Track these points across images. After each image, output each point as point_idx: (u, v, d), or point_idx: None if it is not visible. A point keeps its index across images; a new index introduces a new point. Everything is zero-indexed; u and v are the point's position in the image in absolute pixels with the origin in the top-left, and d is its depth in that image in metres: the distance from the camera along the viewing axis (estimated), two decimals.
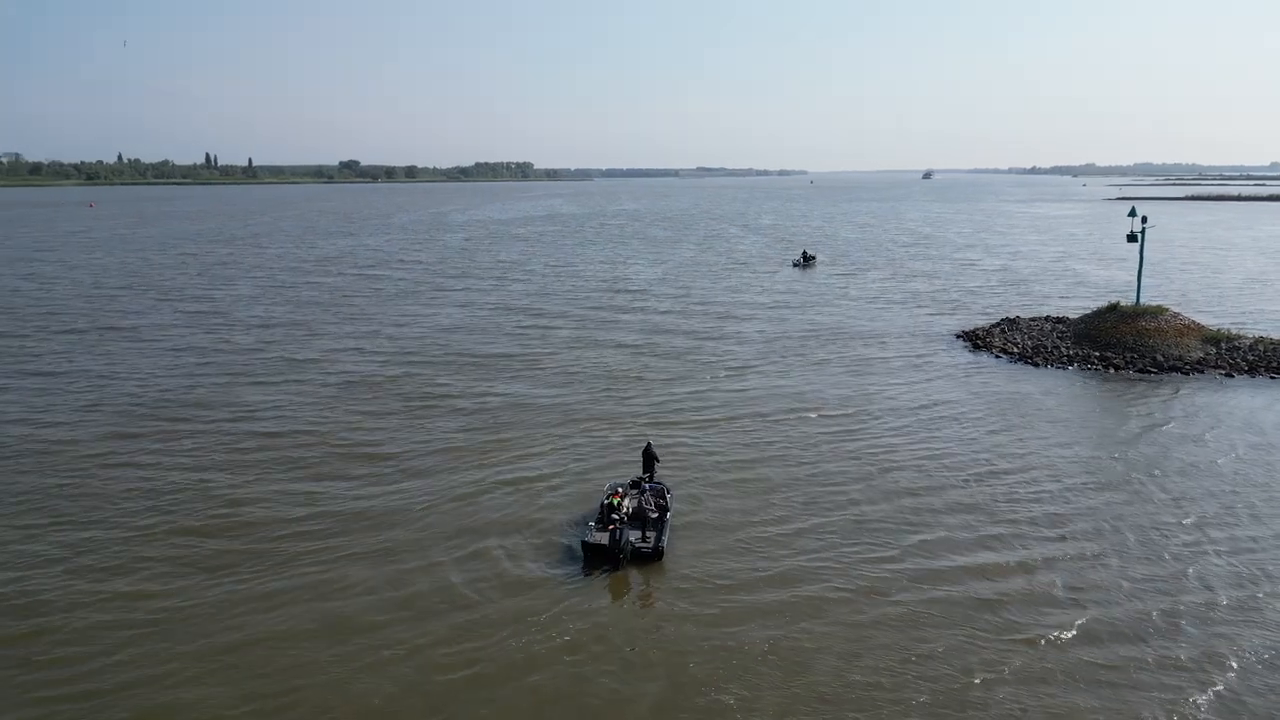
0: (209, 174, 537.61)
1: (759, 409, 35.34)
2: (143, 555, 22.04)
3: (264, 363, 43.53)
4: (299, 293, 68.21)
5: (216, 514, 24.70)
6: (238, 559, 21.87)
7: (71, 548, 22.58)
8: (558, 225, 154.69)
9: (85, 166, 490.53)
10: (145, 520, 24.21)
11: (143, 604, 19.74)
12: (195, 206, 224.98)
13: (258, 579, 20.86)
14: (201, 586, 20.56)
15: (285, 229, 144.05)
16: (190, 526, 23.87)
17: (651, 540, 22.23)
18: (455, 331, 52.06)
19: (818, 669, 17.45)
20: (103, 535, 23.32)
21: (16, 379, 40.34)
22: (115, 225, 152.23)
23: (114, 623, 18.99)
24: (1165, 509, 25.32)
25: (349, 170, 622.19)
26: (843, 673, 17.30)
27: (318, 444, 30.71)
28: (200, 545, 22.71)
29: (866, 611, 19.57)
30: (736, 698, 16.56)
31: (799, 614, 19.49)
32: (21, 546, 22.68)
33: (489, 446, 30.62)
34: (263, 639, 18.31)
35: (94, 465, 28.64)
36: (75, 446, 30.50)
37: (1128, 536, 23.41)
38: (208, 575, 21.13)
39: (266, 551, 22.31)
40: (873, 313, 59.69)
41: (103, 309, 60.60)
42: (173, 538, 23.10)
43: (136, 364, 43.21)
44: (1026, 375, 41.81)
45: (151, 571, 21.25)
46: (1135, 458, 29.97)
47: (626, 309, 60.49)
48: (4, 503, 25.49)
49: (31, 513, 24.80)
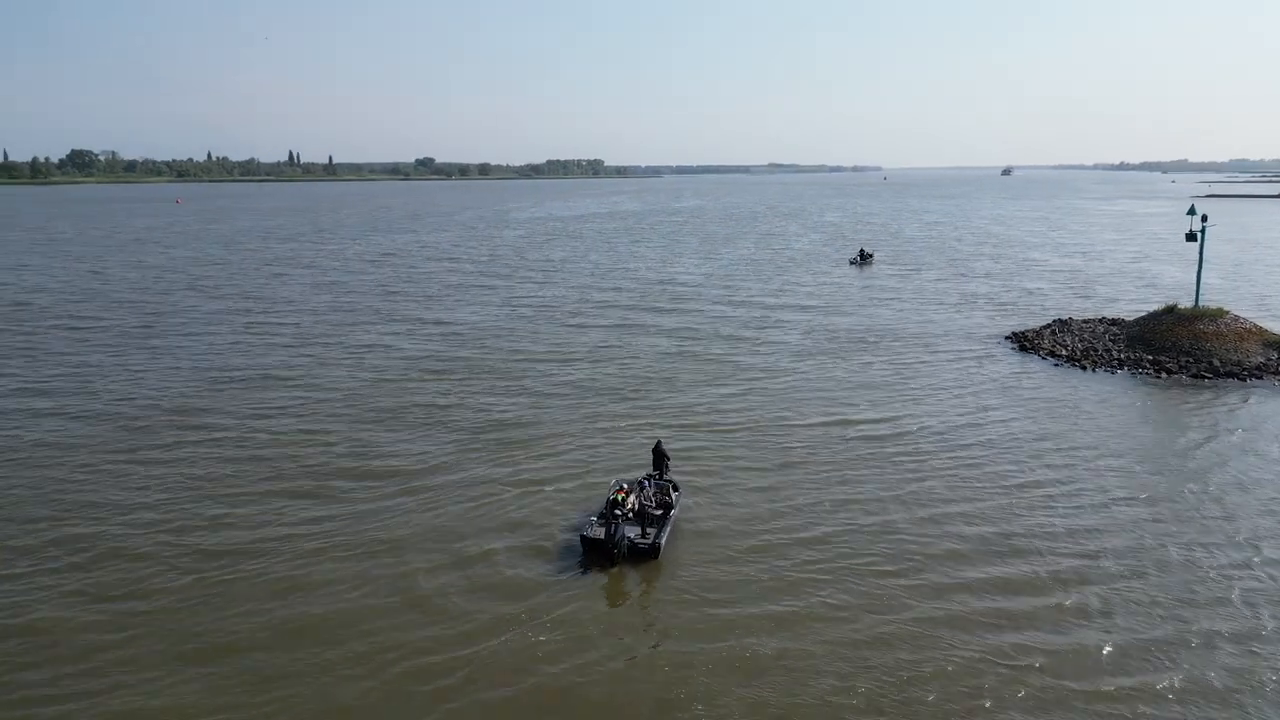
0: (292, 172, 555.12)
1: (787, 412, 34.31)
2: (144, 552, 22.34)
3: (294, 356, 44.34)
4: (344, 289, 69.34)
5: (217, 513, 24.91)
6: (239, 558, 21.98)
7: (66, 545, 23.08)
8: (616, 222, 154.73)
9: (176, 164, 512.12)
10: (146, 516, 24.66)
11: (138, 602, 20.01)
12: (272, 203, 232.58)
13: (255, 575, 20.99)
14: (192, 585, 20.71)
15: (349, 225, 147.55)
16: (184, 525, 24.17)
17: (650, 537, 21.98)
18: (491, 329, 52.21)
19: (804, 683, 16.67)
20: (96, 531, 23.81)
21: (28, 371, 42.06)
22: (193, 221, 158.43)
23: (100, 624, 19.21)
24: (1215, 525, 23.66)
25: (424, 168, 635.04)
26: (833, 693, 16.42)
27: (334, 441, 30.93)
28: (199, 543, 22.99)
29: (871, 627, 18.60)
30: (707, 709, 15.98)
31: (796, 625, 18.69)
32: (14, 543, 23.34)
33: (506, 444, 30.49)
34: (255, 636, 18.32)
35: (106, 460, 29.44)
36: (92, 438, 31.43)
37: (1170, 553, 21.88)
38: (198, 574, 21.31)
39: (266, 549, 22.42)
40: (922, 313, 57.88)
41: (151, 302, 62.76)
42: (165, 535, 23.47)
43: (174, 355, 44.55)
44: (1073, 379, 39.84)
45: (149, 569, 21.52)
46: (1183, 468, 28.14)
47: (668, 308, 59.81)
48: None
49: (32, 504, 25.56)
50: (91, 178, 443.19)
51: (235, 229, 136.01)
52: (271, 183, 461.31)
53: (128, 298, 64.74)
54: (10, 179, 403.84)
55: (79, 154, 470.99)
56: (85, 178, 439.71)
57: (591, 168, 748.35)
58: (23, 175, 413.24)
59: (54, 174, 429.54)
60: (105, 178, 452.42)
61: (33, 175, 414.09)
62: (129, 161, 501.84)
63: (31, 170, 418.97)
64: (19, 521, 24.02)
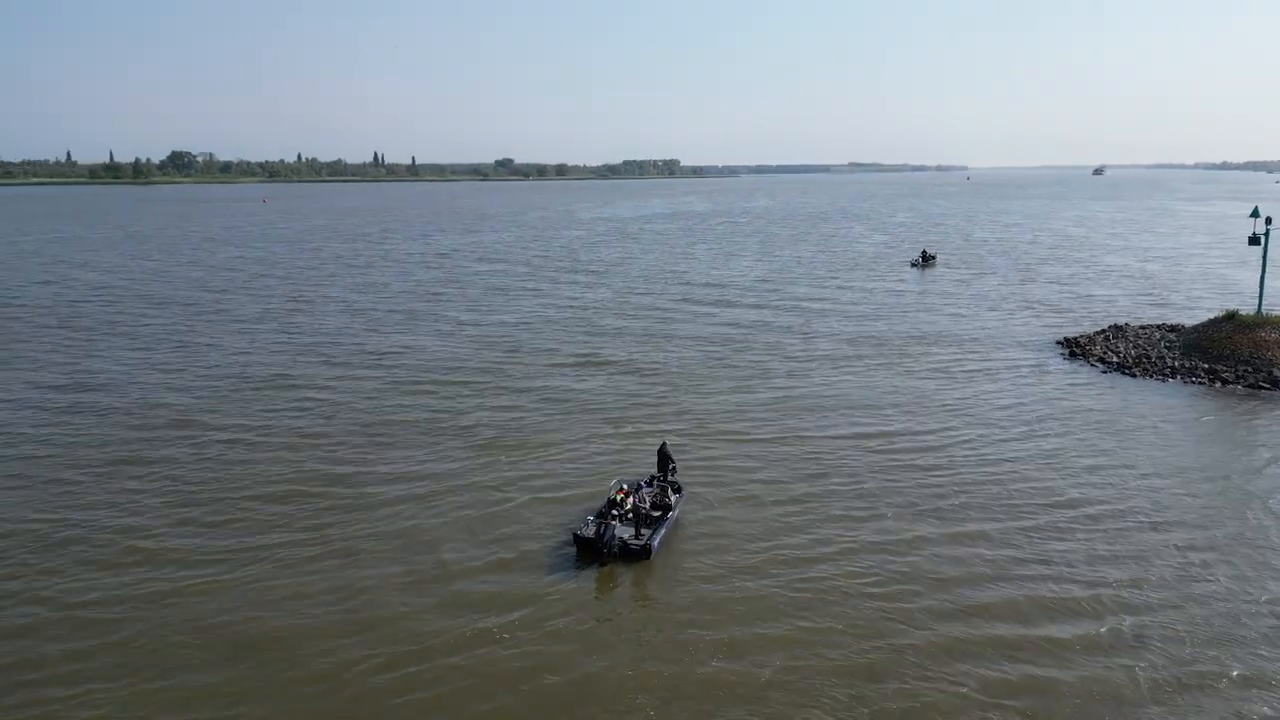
0: (376, 172, 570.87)
1: (814, 420, 33.13)
2: (145, 547, 22.63)
3: (315, 360, 44.96)
4: (387, 291, 70.10)
5: (215, 519, 24.99)
6: (243, 547, 22.23)
7: (73, 539, 23.54)
8: (679, 223, 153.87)
9: (268, 165, 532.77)
10: (157, 503, 25.12)
11: (140, 588, 20.32)
12: (350, 204, 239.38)
13: (252, 569, 21.14)
14: (188, 578, 20.87)
15: (415, 226, 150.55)
16: (191, 517, 24.47)
17: (644, 539, 21.84)
18: (524, 331, 52.13)
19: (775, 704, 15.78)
20: (109, 521, 24.23)
21: (39, 366, 43.62)
22: (274, 219, 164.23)
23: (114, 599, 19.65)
24: (1268, 552, 21.76)
25: (503, 168, 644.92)
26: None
27: (341, 444, 31.07)
28: (206, 535, 23.22)
29: (874, 653, 17.50)
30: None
31: (782, 644, 17.72)
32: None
33: (524, 443, 30.50)
34: (244, 635, 18.36)
35: (139, 439, 30.16)
36: (95, 439, 32.18)
37: (1218, 582, 20.15)
38: (193, 569, 21.46)
39: (267, 549, 22.44)
40: (975, 318, 55.74)
41: (197, 301, 64.81)
42: (170, 526, 23.78)
43: (197, 355, 45.67)
44: (1120, 387, 37.66)
45: (144, 563, 21.81)
46: (1235, 487, 26.13)
47: (709, 311, 58.73)
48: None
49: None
50: (190, 178, 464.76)
51: (307, 229, 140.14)
52: (356, 183, 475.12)
53: (178, 296, 67.06)
54: (115, 179, 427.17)
55: (179, 155, 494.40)
56: (184, 178, 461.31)
57: (667, 168, 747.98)
58: (126, 175, 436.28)
59: (155, 174, 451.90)
60: (202, 178, 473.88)
61: (135, 175, 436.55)
62: (225, 162, 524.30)
63: (134, 171, 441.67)
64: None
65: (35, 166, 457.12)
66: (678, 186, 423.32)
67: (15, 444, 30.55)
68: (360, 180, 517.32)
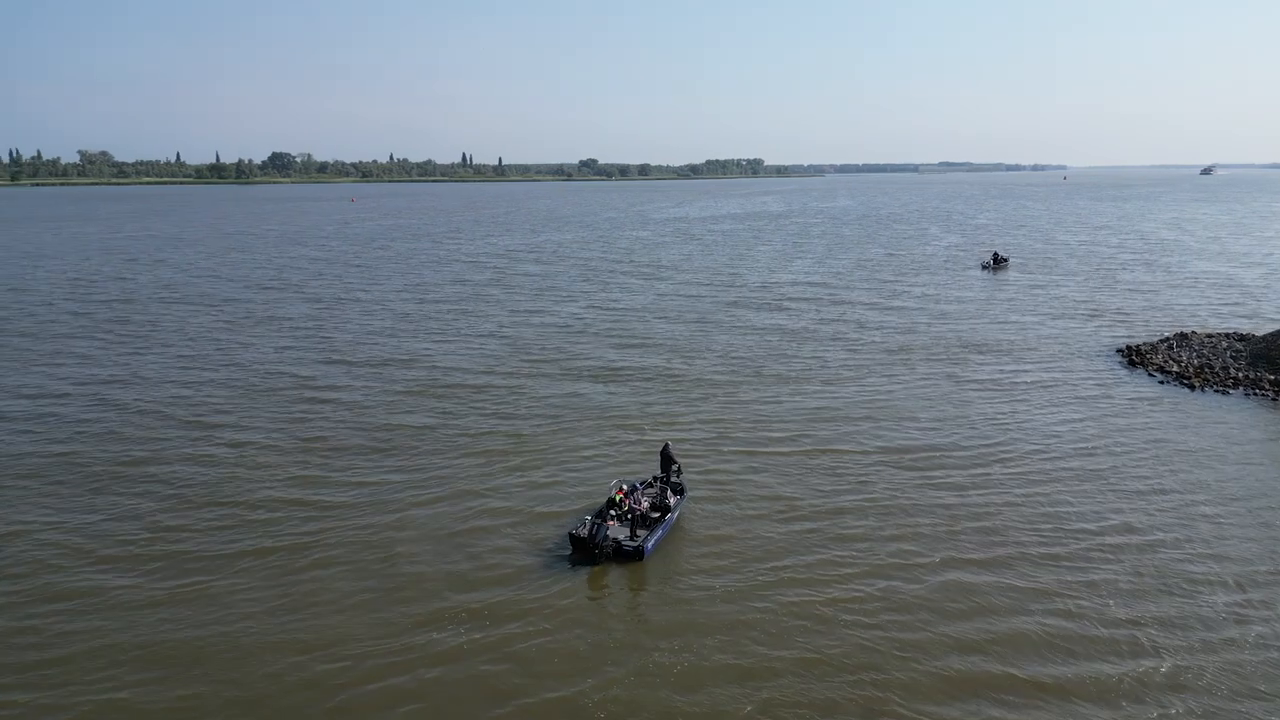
0: (464, 172, 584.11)
1: (845, 430, 31.99)
2: (149, 540, 23.24)
3: (363, 351, 45.78)
4: (440, 290, 71.12)
5: (213, 516, 25.53)
6: (243, 549, 22.54)
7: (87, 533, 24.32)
8: (747, 224, 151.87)
9: (361, 165, 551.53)
10: (161, 500, 25.84)
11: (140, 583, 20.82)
12: (432, 203, 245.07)
13: (253, 571, 21.37)
14: (178, 590, 21.29)
15: (484, 225, 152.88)
16: (177, 520, 25.07)
17: (639, 540, 21.84)
18: (561, 332, 52.06)
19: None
20: (131, 508, 25.03)
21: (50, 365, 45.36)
22: (351, 218, 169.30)
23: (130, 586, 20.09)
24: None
25: (587, 169, 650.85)
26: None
27: (363, 437, 31.50)
28: (201, 530, 23.74)
29: (855, 689, 16.52)
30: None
31: (758, 676, 16.90)
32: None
33: (541, 442, 30.58)
34: (231, 630, 18.64)
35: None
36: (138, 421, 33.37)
37: (1270, 625, 18.49)
38: (184, 565, 21.89)
39: (266, 549, 22.80)
40: (1038, 324, 53.39)
41: (245, 300, 66.97)
42: (163, 525, 24.40)
43: (247, 348, 47.06)
44: (1177, 400, 35.44)
45: (143, 557, 22.41)
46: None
47: (757, 316, 57.40)
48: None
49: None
50: (289, 178, 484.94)
51: (379, 228, 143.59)
52: (443, 183, 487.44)
53: (228, 295, 69.50)
54: (219, 179, 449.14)
55: (279, 156, 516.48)
56: (283, 178, 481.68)
57: (750, 167, 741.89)
58: (230, 175, 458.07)
59: (256, 174, 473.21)
60: (300, 178, 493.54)
61: (237, 176, 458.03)
62: (321, 163, 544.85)
63: (236, 171, 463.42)
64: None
65: (147, 166, 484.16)
66: (757, 186, 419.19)
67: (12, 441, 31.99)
68: (447, 180, 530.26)
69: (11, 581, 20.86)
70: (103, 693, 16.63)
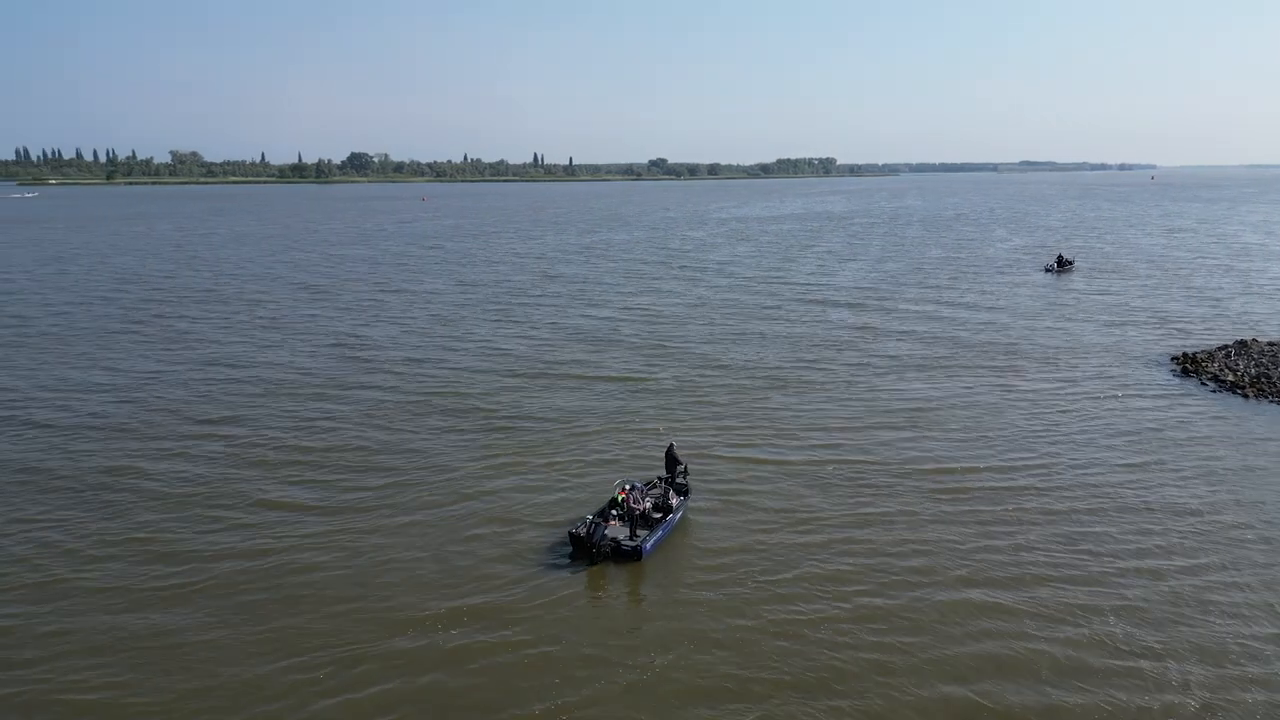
0: (535, 172, 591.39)
1: (867, 440, 30.99)
2: (143, 540, 23.74)
3: (387, 350, 46.55)
4: (480, 289, 71.81)
5: (216, 514, 25.93)
6: (229, 558, 22.63)
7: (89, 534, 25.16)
8: (808, 224, 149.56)
9: (435, 165, 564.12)
10: (157, 497, 26.61)
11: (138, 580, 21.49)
12: (498, 203, 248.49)
13: (255, 569, 21.65)
14: (176, 588, 21.84)
15: (541, 223, 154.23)
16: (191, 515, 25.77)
17: (638, 539, 21.92)
18: (592, 331, 52.05)
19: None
20: (127, 506, 25.90)
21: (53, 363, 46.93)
22: (412, 217, 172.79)
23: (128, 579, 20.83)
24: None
25: (656, 168, 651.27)
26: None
27: (363, 447, 32.00)
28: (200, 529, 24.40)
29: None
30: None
31: (741, 699, 16.43)
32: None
33: (553, 443, 30.66)
34: (222, 631, 18.92)
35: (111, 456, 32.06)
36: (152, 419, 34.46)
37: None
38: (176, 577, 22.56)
39: (266, 547, 23.13)
40: (1094, 329, 51.49)
41: (302, 297, 68.67)
42: (156, 523, 25.09)
43: (276, 347, 48.26)
44: (1230, 410, 33.88)
45: (140, 557, 23.06)
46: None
47: (796, 320, 56.23)
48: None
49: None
50: (366, 177, 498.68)
51: (438, 228, 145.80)
52: (514, 183, 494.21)
53: (259, 294, 71.52)
54: (300, 178, 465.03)
55: (357, 156, 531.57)
56: (361, 177, 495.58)
57: (823, 166, 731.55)
58: (310, 175, 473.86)
59: (335, 174, 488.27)
60: (377, 177, 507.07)
61: (317, 176, 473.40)
62: (397, 163, 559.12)
63: (316, 171, 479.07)
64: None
65: (234, 166, 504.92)
66: (824, 186, 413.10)
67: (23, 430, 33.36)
68: (518, 180, 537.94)
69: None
70: (83, 692, 16.99)
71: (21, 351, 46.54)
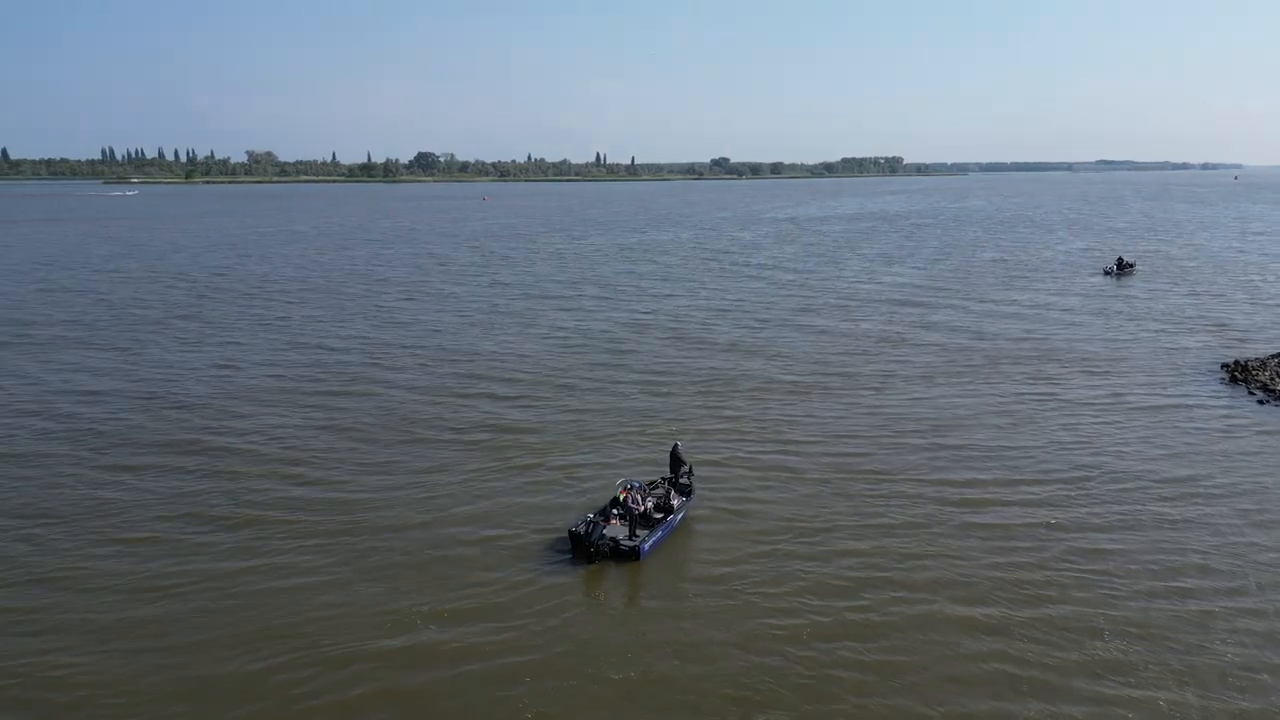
0: (597, 172, 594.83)
1: (893, 446, 30.32)
2: (141, 535, 24.09)
3: (410, 347, 47.23)
4: (510, 289, 72.12)
5: (221, 513, 26.14)
6: (228, 556, 22.84)
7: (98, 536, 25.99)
8: (861, 224, 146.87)
9: (500, 165, 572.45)
10: (163, 490, 27.43)
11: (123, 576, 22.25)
12: (555, 203, 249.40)
13: (245, 570, 21.80)
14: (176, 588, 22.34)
15: (588, 223, 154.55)
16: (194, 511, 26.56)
17: (637, 539, 22.02)
18: (619, 331, 52.11)
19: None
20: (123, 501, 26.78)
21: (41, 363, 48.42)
22: (463, 217, 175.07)
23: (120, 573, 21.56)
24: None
25: (718, 168, 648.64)
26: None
27: (382, 430, 32.56)
28: (204, 531, 25.10)
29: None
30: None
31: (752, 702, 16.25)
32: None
33: (564, 442, 30.84)
34: (212, 624, 19.17)
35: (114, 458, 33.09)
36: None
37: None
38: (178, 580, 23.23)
39: (268, 544, 23.40)
40: (1146, 335, 49.83)
41: (329, 293, 70.04)
42: (161, 515, 25.82)
43: (291, 343, 49.38)
44: (1272, 420, 32.44)
45: (140, 556, 23.68)
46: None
47: (825, 325, 55.13)
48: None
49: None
50: (432, 176, 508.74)
51: (485, 228, 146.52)
52: (576, 182, 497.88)
53: (282, 293, 73.05)
54: (369, 178, 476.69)
55: (424, 155, 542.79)
56: (427, 177, 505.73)
57: (889, 165, 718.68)
58: (378, 174, 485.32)
59: (402, 173, 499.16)
60: (443, 177, 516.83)
61: (385, 175, 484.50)
62: (463, 163, 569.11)
63: (384, 171, 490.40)
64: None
65: (305, 166, 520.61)
66: (886, 186, 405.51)
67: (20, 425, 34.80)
68: (580, 179, 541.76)
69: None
70: (69, 689, 17.23)
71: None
